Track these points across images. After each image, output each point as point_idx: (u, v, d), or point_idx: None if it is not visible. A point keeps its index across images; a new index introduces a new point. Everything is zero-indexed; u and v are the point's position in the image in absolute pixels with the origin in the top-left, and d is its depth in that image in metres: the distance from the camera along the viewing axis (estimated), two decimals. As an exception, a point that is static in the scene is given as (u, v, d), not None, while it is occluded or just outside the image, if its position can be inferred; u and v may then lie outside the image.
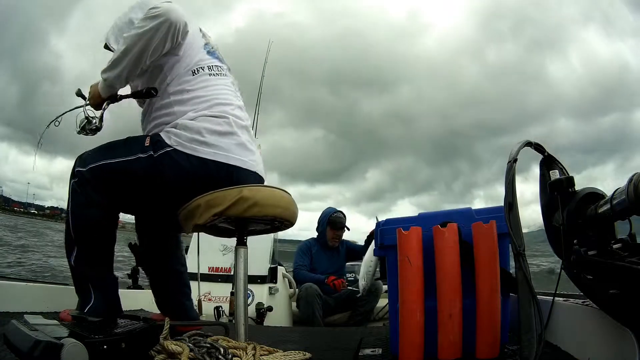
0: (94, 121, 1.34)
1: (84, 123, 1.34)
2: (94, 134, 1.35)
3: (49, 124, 1.43)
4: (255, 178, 1.31)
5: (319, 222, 3.17)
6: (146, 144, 1.23)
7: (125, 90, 1.35)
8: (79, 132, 1.35)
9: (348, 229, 3.18)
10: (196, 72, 1.30)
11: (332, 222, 3.10)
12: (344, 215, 3.18)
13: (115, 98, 1.34)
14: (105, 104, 1.33)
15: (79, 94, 1.37)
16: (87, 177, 1.23)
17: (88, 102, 1.34)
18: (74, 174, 1.26)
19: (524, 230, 0.94)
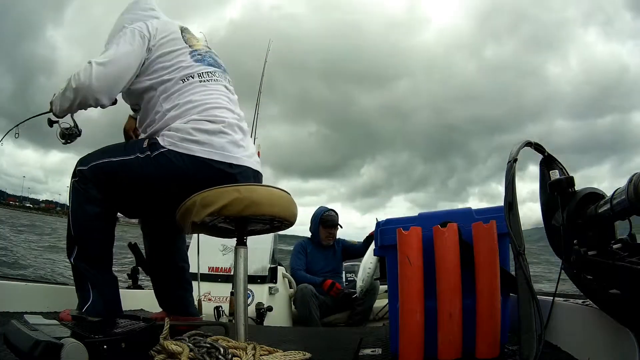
0: (73, 131, 1.46)
1: (63, 134, 1.45)
2: (74, 140, 1.48)
3: (9, 130, 1.52)
4: (250, 173, 1.33)
5: (311, 222, 3.17)
6: (144, 145, 1.28)
7: None
8: (64, 144, 1.47)
9: (341, 227, 3.19)
10: (186, 79, 1.33)
11: (324, 221, 3.10)
12: (336, 213, 3.18)
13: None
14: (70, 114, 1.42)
15: (50, 123, 1.44)
16: (87, 175, 1.28)
17: (56, 117, 1.41)
18: (75, 173, 1.31)
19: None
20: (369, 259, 2.71)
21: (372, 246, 2.78)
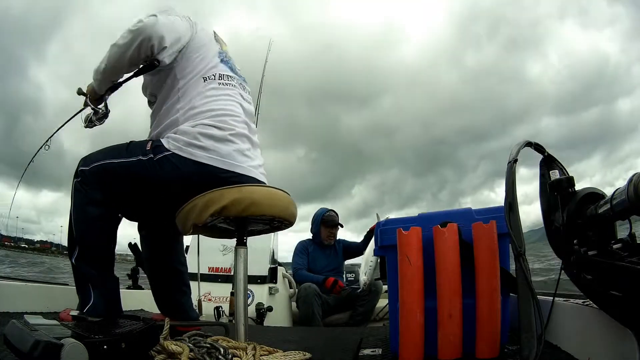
0: (100, 110, 1.41)
1: (90, 116, 1.41)
2: (102, 122, 1.43)
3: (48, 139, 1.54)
4: (254, 182, 1.30)
5: (312, 223, 3.23)
6: (147, 148, 1.26)
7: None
8: (86, 127, 1.42)
9: (342, 226, 3.24)
10: (207, 79, 1.32)
11: (325, 220, 3.17)
12: (337, 214, 3.24)
13: (114, 87, 1.39)
14: (106, 94, 1.39)
15: (80, 92, 1.41)
16: (89, 176, 1.27)
17: (89, 97, 1.39)
18: (77, 173, 1.29)
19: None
20: (370, 252, 2.74)
21: (373, 241, 2.81)
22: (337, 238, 3.26)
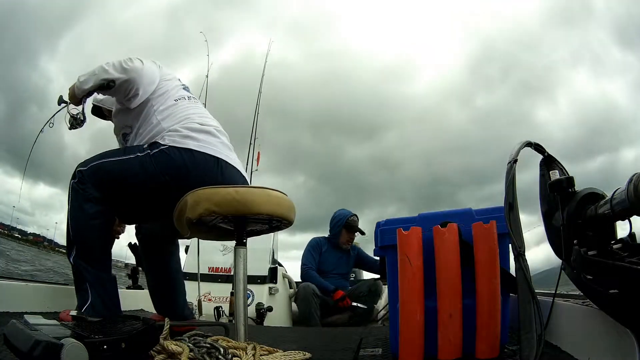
0: (79, 116, 1.51)
1: (72, 121, 1.51)
2: (81, 126, 1.54)
3: (43, 127, 1.69)
4: (239, 175, 1.42)
5: (333, 223, 3.05)
6: (144, 146, 1.34)
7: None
8: (70, 129, 1.53)
9: (363, 233, 3.07)
10: (178, 99, 1.49)
11: (348, 225, 2.98)
12: (358, 219, 3.08)
13: (89, 93, 1.50)
14: (83, 99, 1.49)
15: (61, 100, 1.53)
16: (86, 175, 1.31)
17: (69, 102, 1.50)
18: (75, 174, 1.33)
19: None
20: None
21: None
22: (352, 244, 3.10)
